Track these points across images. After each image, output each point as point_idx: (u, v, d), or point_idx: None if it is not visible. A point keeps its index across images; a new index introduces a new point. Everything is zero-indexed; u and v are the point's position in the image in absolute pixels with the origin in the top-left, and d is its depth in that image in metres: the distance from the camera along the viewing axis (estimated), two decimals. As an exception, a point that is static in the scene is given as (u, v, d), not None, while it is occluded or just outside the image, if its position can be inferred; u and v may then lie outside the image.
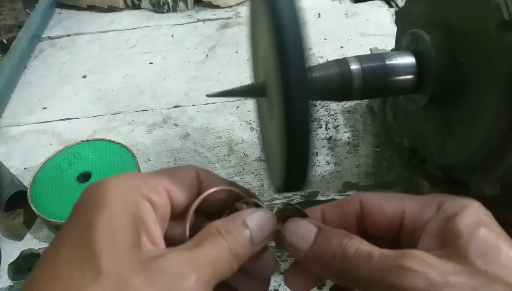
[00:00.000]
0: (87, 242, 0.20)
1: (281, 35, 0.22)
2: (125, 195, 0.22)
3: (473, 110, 0.42)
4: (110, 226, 0.21)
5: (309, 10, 1.03)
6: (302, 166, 0.25)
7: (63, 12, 1.13)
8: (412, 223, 0.25)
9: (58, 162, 0.64)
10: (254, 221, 0.25)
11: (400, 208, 0.25)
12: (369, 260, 0.23)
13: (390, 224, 0.25)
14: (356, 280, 0.23)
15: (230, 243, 0.24)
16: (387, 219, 0.26)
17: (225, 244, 0.24)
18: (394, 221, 0.25)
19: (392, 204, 0.26)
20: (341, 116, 0.75)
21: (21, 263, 0.51)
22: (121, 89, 0.86)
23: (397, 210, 0.25)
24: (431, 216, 0.24)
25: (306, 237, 0.25)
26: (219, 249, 0.23)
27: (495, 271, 0.21)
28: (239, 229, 0.25)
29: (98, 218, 0.21)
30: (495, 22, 0.36)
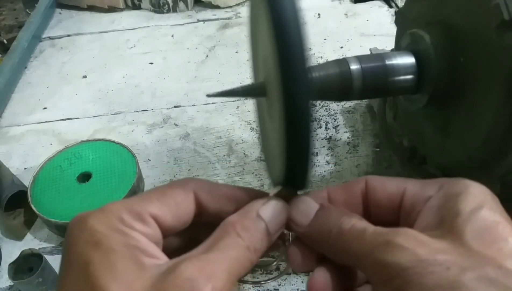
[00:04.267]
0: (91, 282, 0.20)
1: (282, 35, 0.22)
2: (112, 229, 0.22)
3: (473, 110, 0.42)
4: (108, 261, 0.21)
5: (309, 10, 1.03)
6: (302, 166, 0.25)
7: (63, 12, 1.14)
8: (411, 200, 0.24)
9: (59, 162, 0.64)
10: (268, 212, 0.25)
11: (402, 187, 0.25)
12: (362, 235, 0.23)
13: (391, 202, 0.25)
14: (348, 255, 0.23)
15: (247, 241, 0.23)
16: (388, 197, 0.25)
17: (242, 243, 0.23)
18: (395, 199, 0.25)
19: (394, 183, 0.26)
20: (341, 116, 0.75)
21: (21, 263, 0.51)
22: (121, 89, 0.86)
23: (398, 189, 0.25)
24: (431, 194, 0.24)
25: (307, 213, 0.26)
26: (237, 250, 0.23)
27: (489, 253, 0.20)
28: (254, 222, 0.24)
29: (93, 257, 0.21)
30: (495, 22, 0.37)
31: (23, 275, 0.50)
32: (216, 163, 0.69)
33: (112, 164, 0.64)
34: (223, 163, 0.69)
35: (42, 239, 0.61)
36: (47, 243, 0.60)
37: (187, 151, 0.72)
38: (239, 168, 0.68)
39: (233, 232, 0.24)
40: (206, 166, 0.69)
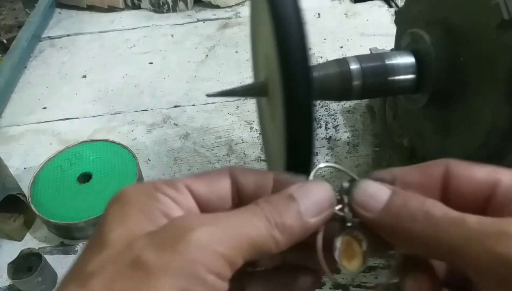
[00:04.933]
0: (100, 229, 0.20)
1: (284, 35, 0.22)
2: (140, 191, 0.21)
3: (473, 110, 0.42)
4: (121, 210, 0.20)
5: (309, 10, 1.03)
6: (303, 166, 0.25)
7: (63, 12, 1.13)
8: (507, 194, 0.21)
9: (59, 162, 0.64)
10: (303, 191, 0.22)
11: (493, 176, 0.22)
12: (462, 223, 0.19)
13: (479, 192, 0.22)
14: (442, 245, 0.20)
15: (267, 212, 0.21)
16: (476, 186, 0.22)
17: (260, 213, 0.21)
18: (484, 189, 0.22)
19: (484, 171, 0.22)
20: (340, 116, 0.75)
21: (20, 263, 0.51)
22: (121, 89, 0.86)
23: (490, 177, 0.22)
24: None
25: (379, 197, 0.22)
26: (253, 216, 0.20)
27: None
28: (281, 198, 0.21)
29: (111, 208, 0.21)
30: (495, 22, 0.37)
31: (22, 274, 0.50)
32: (216, 162, 0.69)
33: (113, 165, 0.64)
34: (223, 162, 0.69)
35: (42, 239, 0.61)
36: (46, 243, 0.60)
37: (187, 151, 0.72)
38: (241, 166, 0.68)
39: (253, 204, 0.21)
40: (206, 165, 0.69)
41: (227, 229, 0.20)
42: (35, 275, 0.50)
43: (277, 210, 0.21)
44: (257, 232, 0.20)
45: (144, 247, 0.18)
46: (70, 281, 0.19)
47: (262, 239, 0.20)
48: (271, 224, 0.20)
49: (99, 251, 0.19)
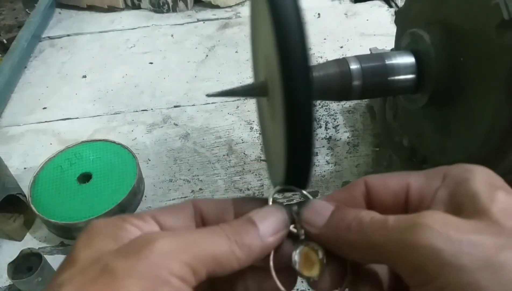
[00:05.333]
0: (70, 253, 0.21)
1: (284, 35, 0.22)
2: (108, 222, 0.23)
3: (473, 110, 0.42)
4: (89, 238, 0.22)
5: (309, 10, 1.03)
6: (303, 166, 0.25)
7: (63, 12, 1.13)
8: (418, 195, 0.23)
9: (59, 162, 0.64)
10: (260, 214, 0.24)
11: (404, 182, 0.24)
12: (385, 223, 0.21)
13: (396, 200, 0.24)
14: (372, 247, 0.22)
15: (228, 231, 0.22)
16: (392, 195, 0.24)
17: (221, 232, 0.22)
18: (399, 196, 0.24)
19: (396, 179, 0.24)
20: (340, 116, 0.75)
21: (20, 263, 0.51)
22: (121, 89, 0.86)
23: (401, 184, 0.24)
24: (437, 185, 0.23)
25: (323, 213, 0.24)
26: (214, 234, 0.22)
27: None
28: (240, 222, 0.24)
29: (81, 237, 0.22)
30: (495, 22, 0.37)
31: (22, 274, 0.50)
32: (216, 162, 0.69)
33: (113, 165, 0.64)
34: (223, 162, 0.69)
35: (42, 239, 0.61)
36: (46, 243, 0.60)
37: (187, 151, 0.72)
38: (239, 167, 0.68)
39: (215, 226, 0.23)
40: (206, 165, 0.69)
41: (189, 242, 0.21)
42: (35, 275, 0.50)
43: (237, 230, 0.23)
44: (218, 247, 0.22)
45: (110, 257, 0.20)
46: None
47: (223, 254, 0.21)
48: (231, 241, 0.22)
49: (68, 267, 0.20)
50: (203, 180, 0.67)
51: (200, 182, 0.67)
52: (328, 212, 0.24)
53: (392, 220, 0.21)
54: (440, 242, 0.19)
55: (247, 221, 0.24)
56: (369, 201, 0.25)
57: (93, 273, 0.19)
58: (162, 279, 0.19)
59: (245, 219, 0.24)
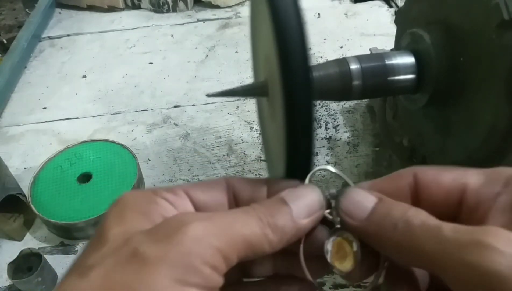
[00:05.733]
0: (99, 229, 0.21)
1: (284, 34, 0.23)
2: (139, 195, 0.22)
3: (473, 110, 0.42)
4: (120, 212, 0.21)
5: (309, 10, 1.03)
6: (303, 166, 0.25)
7: (63, 12, 1.13)
8: (475, 197, 0.21)
9: (59, 162, 0.64)
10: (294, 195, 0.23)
11: (461, 180, 0.22)
12: (439, 232, 0.19)
13: (449, 199, 0.22)
14: (420, 254, 0.20)
15: (260, 212, 0.21)
16: (444, 193, 0.22)
17: (253, 213, 0.21)
18: (453, 195, 0.22)
19: (451, 176, 0.22)
20: (340, 116, 0.75)
21: (20, 263, 0.51)
22: (121, 89, 0.86)
23: (457, 183, 0.22)
24: (498, 190, 0.21)
25: (364, 205, 0.23)
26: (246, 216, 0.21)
27: None
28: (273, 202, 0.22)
29: (111, 211, 0.22)
30: (495, 22, 0.37)
31: (22, 274, 0.50)
32: (216, 162, 0.69)
33: (113, 165, 0.64)
34: (223, 162, 0.69)
35: (42, 239, 0.61)
36: (46, 243, 0.60)
37: (187, 151, 0.72)
38: (239, 167, 0.68)
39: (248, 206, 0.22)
40: (206, 165, 0.69)
41: (222, 225, 0.20)
42: (35, 275, 0.50)
43: (269, 211, 0.22)
44: (250, 230, 0.21)
45: (141, 240, 0.19)
46: (71, 274, 0.19)
47: (255, 237, 0.21)
48: (264, 223, 0.21)
49: (98, 247, 0.20)
50: (203, 180, 0.67)
51: (200, 182, 0.67)
52: (371, 204, 0.23)
53: (449, 230, 0.19)
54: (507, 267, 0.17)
55: (280, 200, 0.23)
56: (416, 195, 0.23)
57: (124, 257, 0.19)
58: (194, 267, 0.18)
59: (278, 198, 0.23)
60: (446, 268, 0.19)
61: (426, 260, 0.20)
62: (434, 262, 0.19)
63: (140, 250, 0.19)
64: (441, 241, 0.19)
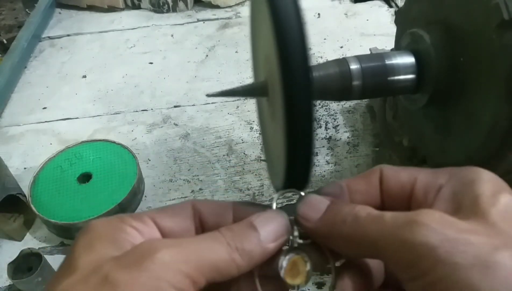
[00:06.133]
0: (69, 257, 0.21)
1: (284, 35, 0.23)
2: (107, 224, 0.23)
3: (473, 110, 0.42)
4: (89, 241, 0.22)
5: (309, 10, 1.03)
6: (303, 166, 0.25)
7: (63, 12, 1.13)
8: (423, 189, 0.24)
9: (59, 162, 0.64)
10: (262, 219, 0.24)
11: (413, 176, 0.24)
12: (381, 218, 0.22)
13: (403, 192, 0.25)
14: (365, 242, 0.22)
15: (229, 238, 0.22)
16: (400, 186, 0.25)
17: (222, 239, 0.22)
18: (406, 188, 0.24)
19: (407, 172, 0.25)
20: (340, 116, 0.75)
21: (20, 263, 0.51)
22: (121, 89, 0.86)
23: (410, 178, 0.24)
24: (442, 182, 0.23)
25: (318, 208, 0.25)
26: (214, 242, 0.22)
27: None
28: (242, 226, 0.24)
29: (79, 239, 0.22)
30: (495, 22, 0.37)
31: (22, 274, 0.50)
32: (216, 162, 0.69)
33: (113, 165, 0.64)
34: (223, 162, 0.69)
35: (42, 239, 0.61)
36: (46, 243, 0.60)
37: (187, 151, 0.72)
38: (239, 167, 0.68)
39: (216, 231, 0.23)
40: (206, 165, 0.69)
41: (189, 251, 0.21)
42: (35, 275, 0.50)
43: (238, 236, 0.23)
44: (218, 255, 0.22)
45: (111, 267, 0.20)
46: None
47: (223, 262, 0.22)
48: (232, 248, 0.22)
49: (68, 274, 0.20)
50: (203, 180, 0.67)
51: (200, 182, 0.67)
52: (324, 206, 0.25)
53: (389, 216, 0.22)
54: (435, 239, 0.19)
55: (248, 225, 0.24)
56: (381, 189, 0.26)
57: (94, 284, 0.19)
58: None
59: (246, 223, 0.24)
60: (386, 248, 0.21)
61: (371, 246, 0.22)
62: (378, 247, 0.21)
63: (110, 276, 0.19)
64: (382, 226, 0.21)
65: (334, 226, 0.24)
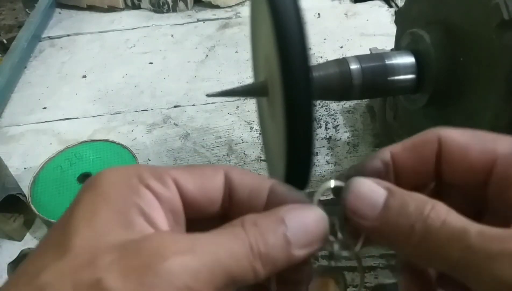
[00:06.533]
0: (67, 221, 0.18)
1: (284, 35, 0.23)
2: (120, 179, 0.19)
3: (473, 110, 0.42)
4: (93, 205, 0.18)
5: (309, 10, 1.03)
6: (303, 166, 0.25)
7: (63, 12, 1.13)
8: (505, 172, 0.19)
9: (59, 162, 0.64)
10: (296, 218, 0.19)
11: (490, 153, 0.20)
12: (463, 238, 0.17)
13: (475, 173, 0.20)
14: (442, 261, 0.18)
15: (252, 237, 0.18)
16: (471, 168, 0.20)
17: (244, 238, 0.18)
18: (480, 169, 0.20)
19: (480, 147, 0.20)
20: (340, 116, 0.75)
21: (20, 263, 0.51)
22: (121, 89, 0.86)
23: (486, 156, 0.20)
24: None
25: (374, 201, 0.20)
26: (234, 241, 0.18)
27: None
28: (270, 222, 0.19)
29: (84, 197, 0.19)
30: (495, 22, 0.37)
31: (23, 275, 0.50)
32: (216, 162, 0.69)
33: (113, 165, 0.64)
34: (223, 162, 0.69)
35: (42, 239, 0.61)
36: (47, 243, 0.60)
37: (187, 151, 0.72)
38: (239, 167, 0.68)
39: (239, 224, 0.19)
40: (206, 165, 0.69)
41: (203, 258, 0.17)
42: (35, 275, 0.50)
43: (264, 236, 0.19)
44: (236, 262, 0.18)
45: (108, 267, 0.16)
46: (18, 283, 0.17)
47: (241, 270, 0.18)
48: (254, 253, 0.18)
49: (58, 256, 0.17)
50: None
51: (200, 182, 0.66)
52: (381, 198, 0.20)
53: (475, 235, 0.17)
54: None
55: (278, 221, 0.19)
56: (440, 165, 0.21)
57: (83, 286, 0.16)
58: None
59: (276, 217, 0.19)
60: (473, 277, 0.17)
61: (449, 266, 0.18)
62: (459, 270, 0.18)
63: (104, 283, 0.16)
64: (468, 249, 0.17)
65: (398, 231, 0.19)
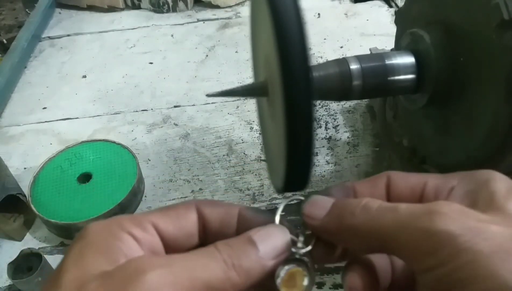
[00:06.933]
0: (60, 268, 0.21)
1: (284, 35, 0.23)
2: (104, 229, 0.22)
3: (473, 110, 0.42)
4: (80, 250, 0.21)
5: (309, 10, 1.03)
6: (303, 166, 0.25)
7: (63, 12, 1.13)
8: (434, 191, 0.24)
9: (59, 162, 0.64)
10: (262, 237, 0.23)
11: (423, 180, 0.25)
12: (395, 209, 0.21)
13: (413, 195, 0.24)
14: (378, 231, 0.21)
15: (225, 254, 0.21)
16: (409, 190, 0.25)
17: (218, 255, 0.21)
18: (416, 191, 0.24)
19: (416, 177, 0.25)
20: (340, 116, 0.75)
21: (20, 263, 0.51)
22: (121, 89, 0.86)
23: (419, 181, 0.25)
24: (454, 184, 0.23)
25: (324, 205, 0.25)
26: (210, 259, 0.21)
27: None
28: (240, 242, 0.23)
29: (73, 246, 0.21)
30: (495, 22, 0.37)
31: (22, 274, 0.50)
32: (216, 162, 0.69)
33: (113, 165, 0.64)
34: (223, 162, 0.69)
35: (42, 239, 0.61)
36: (46, 243, 0.60)
37: (187, 151, 0.72)
38: (239, 167, 0.68)
39: (212, 246, 0.22)
40: (206, 165, 0.69)
41: (181, 272, 0.20)
42: (35, 275, 0.50)
43: (236, 252, 0.22)
44: (213, 274, 0.21)
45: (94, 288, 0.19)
46: None
47: (218, 281, 0.21)
48: (228, 266, 0.21)
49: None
50: (203, 180, 0.67)
51: (200, 182, 0.67)
52: (329, 204, 0.24)
53: (404, 206, 0.21)
54: (456, 228, 0.19)
55: (248, 240, 0.23)
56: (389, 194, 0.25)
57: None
58: None
59: (245, 238, 0.23)
60: (401, 238, 0.21)
61: (384, 237, 0.21)
62: (390, 236, 0.21)
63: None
64: (397, 215, 0.21)
65: (342, 220, 0.23)
